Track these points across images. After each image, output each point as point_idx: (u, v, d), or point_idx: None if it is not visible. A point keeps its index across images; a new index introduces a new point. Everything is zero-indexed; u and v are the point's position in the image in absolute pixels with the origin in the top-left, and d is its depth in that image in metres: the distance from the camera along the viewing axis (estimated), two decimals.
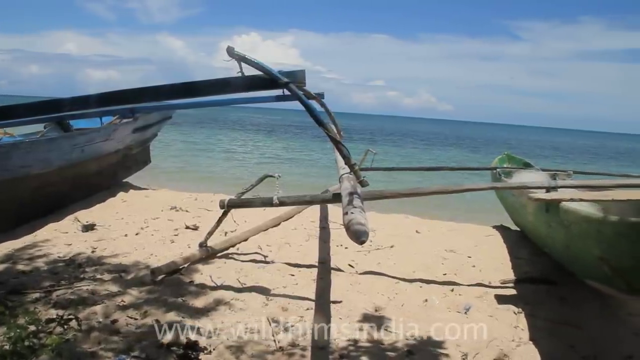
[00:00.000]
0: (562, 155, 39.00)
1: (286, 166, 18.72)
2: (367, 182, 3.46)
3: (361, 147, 7.10)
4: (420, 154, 30.50)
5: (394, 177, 11.80)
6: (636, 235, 2.63)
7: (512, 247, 5.94)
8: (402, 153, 29.44)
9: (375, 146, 10.49)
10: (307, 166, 19.07)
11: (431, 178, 12.81)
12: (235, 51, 3.38)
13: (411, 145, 38.89)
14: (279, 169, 14.49)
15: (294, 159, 21.76)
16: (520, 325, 3.79)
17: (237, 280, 4.43)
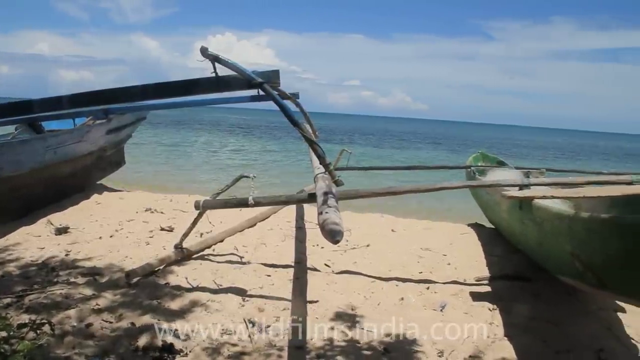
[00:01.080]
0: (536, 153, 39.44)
1: (262, 166, 18.66)
2: (342, 182, 3.46)
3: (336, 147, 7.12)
4: (396, 154, 30.60)
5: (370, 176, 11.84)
6: (606, 232, 2.67)
7: (487, 244, 6.00)
8: (377, 152, 29.53)
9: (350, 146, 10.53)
10: (283, 166, 19.02)
11: (407, 177, 12.89)
12: (209, 51, 3.36)
13: (387, 144, 39.00)
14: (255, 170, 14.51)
15: (270, 159, 21.69)
16: (495, 322, 3.84)
17: (213, 281, 4.41)
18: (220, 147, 26.37)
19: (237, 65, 3.44)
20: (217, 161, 19.77)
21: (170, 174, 14.52)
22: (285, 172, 16.72)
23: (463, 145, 39.31)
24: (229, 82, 3.54)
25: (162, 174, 14.47)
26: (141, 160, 15.71)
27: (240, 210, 6.27)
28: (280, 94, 5.23)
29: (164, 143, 24.62)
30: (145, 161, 16.05)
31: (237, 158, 21.75)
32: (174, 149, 22.54)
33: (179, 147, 23.63)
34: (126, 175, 10.82)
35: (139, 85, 3.61)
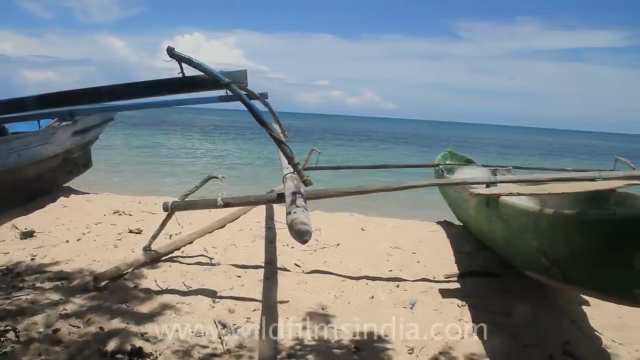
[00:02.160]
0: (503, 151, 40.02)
1: (233, 167, 18.59)
2: (310, 182, 3.47)
3: (306, 147, 7.12)
4: (365, 153, 30.76)
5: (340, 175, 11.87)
6: (570, 227, 2.72)
7: (456, 241, 6.07)
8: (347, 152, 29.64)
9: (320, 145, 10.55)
10: (254, 166, 18.98)
11: (376, 176, 12.95)
12: (176, 51, 3.34)
13: (356, 144, 39.15)
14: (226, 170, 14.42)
15: (241, 159, 21.62)
16: (465, 318, 3.89)
17: (183, 283, 4.38)
18: (190, 148, 26.18)
19: (204, 66, 3.43)
20: (186, 162, 19.64)
21: (139, 176, 14.37)
22: (256, 172, 16.69)
23: (432, 144, 39.64)
24: (196, 82, 3.52)
25: (131, 175, 14.31)
26: (109, 162, 15.52)
27: (210, 212, 6.25)
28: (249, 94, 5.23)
29: (132, 144, 24.38)
30: (113, 163, 15.85)
31: (207, 159, 21.64)
32: (143, 150, 22.33)
33: (147, 148, 23.40)
34: (94, 177, 10.67)
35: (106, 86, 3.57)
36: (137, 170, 15.80)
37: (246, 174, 16.51)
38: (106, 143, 17.35)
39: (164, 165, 17.87)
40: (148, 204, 7.50)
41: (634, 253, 2.23)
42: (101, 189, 9.35)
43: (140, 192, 9.25)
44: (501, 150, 40.87)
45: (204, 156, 22.84)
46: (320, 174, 8.00)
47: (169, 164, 18.40)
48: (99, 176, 11.57)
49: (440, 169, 7.38)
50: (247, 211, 6.83)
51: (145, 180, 13.43)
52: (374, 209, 8.40)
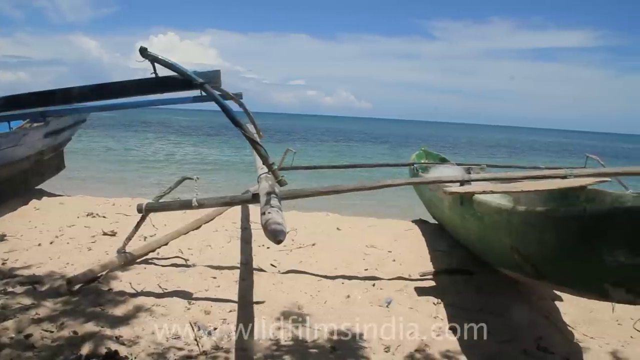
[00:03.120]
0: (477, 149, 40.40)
1: (208, 167, 18.52)
2: (285, 182, 3.47)
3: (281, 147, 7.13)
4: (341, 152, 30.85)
5: (316, 175, 11.89)
6: (542, 224, 2.76)
7: (431, 240, 6.11)
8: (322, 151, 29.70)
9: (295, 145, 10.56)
10: (229, 167, 18.93)
11: (351, 175, 12.99)
12: (148, 51, 3.32)
13: (332, 143, 39.26)
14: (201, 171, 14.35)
15: (216, 160, 21.55)
16: (440, 315, 3.92)
17: (158, 285, 4.35)
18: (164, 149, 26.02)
19: (177, 66, 3.41)
20: (161, 163, 19.52)
21: (113, 177, 14.25)
22: (231, 173, 16.64)
23: (406, 143, 39.87)
24: (169, 82, 3.51)
25: (105, 177, 14.18)
26: (82, 163, 15.35)
27: (185, 213, 6.21)
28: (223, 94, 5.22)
29: (105, 145, 24.16)
30: (86, 165, 15.68)
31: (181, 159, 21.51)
32: (116, 152, 22.15)
33: (121, 150, 23.22)
34: (67, 179, 10.55)
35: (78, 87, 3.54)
36: (111, 171, 15.66)
37: (222, 174, 16.45)
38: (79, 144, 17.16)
39: (138, 167, 17.74)
40: (122, 206, 7.42)
41: (603, 249, 2.27)
42: (74, 191, 9.22)
43: (114, 194, 9.15)
44: (475, 149, 41.30)
45: (178, 157, 22.71)
46: (295, 174, 8.01)
47: (143, 165, 18.27)
48: (72, 178, 11.44)
49: (415, 168, 7.44)
50: (222, 212, 6.80)
51: (120, 182, 13.32)
52: (349, 209, 8.43)
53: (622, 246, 2.20)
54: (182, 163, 20.23)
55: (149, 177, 14.83)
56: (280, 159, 6.82)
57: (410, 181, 5.72)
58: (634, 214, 2.17)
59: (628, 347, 3.52)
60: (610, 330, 3.77)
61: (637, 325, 3.84)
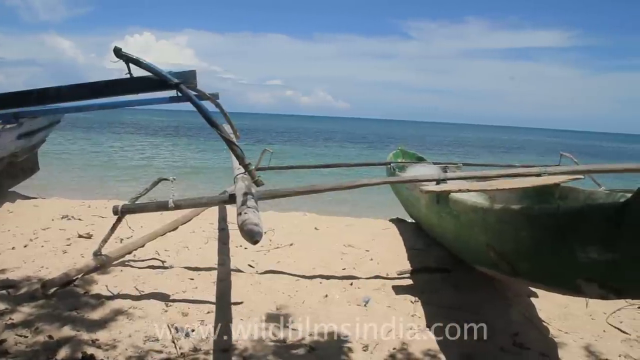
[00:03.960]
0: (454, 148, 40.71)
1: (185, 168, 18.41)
2: (262, 182, 3.47)
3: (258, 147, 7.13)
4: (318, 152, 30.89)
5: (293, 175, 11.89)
6: (517, 222, 2.79)
7: (408, 238, 6.15)
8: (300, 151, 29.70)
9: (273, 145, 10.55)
10: (207, 168, 18.83)
11: (329, 175, 13.01)
12: (123, 52, 3.30)
13: (309, 143, 39.30)
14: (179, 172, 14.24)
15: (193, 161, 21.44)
16: (418, 314, 3.95)
17: (135, 287, 4.31)
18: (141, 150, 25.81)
19: (152, 66, 3.39)
20: (137, 164, 19.35)
21: (88, 179, 14.09)
22: (209, 174, 16.55)
23: (384, 142, 40.02)
24: (144, 83, 3.49)
25: (80, 179, 14.02)
26: (57, 165, 15.17)
27: (161, 214, 6.16)
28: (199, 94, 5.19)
29: (81, 147, 23.89)
30: (62, 166, 15.50)
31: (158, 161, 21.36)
32: (92, 153, 21.90)
33: (96, 151, 22.97)
34: (41, 181, 10.40)
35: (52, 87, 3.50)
36: (87, 173, 15.49)
37: (199, 175, 16.35)
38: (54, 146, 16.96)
39: (114, 168, 17.56)
40: (98, 208, 7.35)
41: (576, 245, 2.31)
42: (49, 194, 9.11)
43: (90, 195, 9.06)
44: (452, 148, 41.63)
45: (155, 158, 22.54)
46: (273, 174, 8.00)
47: (119, 167, 18.09)
48: (46, 180, 11.29)
49: (392, 167, 7.48)
50: (199, 213, 6.76)
51: (95, 184, 13.17)
52: (327, 208, 8.45)
53: (594, 243, 2.24)
54: (159, 164, 20.07)
55: (125, 179, 14.69)
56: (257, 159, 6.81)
57: (387, 180, 5.75)
58: (606, 211, 2.21)
59: (601, 341, 3.60)
60: (584, 325, 3.84)
61: (610, 319, 3.92)
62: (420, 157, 8.55)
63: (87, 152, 22.18)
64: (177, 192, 4.45)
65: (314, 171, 12.00)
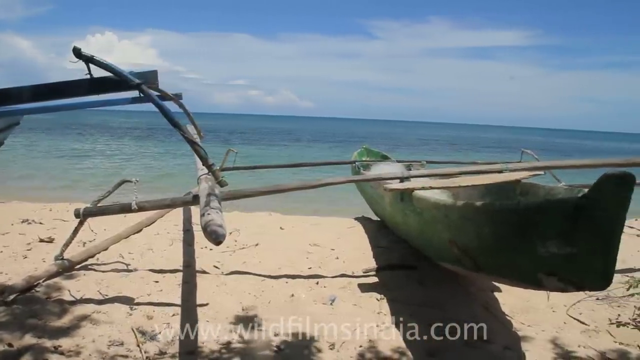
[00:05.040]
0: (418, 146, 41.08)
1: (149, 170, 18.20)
2: (225, 182, 3.46)
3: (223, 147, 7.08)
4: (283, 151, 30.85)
5: (259, 175, 11.86)
6: (478, 218, 2.83)
7: (374, 236, 6.19)
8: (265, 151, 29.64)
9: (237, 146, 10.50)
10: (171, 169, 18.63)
11: (294, 174, 13.01)
12: (82, 52, 3.25)
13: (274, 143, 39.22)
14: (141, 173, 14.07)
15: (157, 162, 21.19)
16: (383, 311, 3.97)
17: (98, 291, 4.24)
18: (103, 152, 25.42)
19: (112, 66, 3.35)
20: (100, 166, 19.06)
21: (49, 182, 13.82)
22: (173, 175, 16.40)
23: (349, 141, 40.15)
24: (105, 83, 3.44)
25: (41, 182, 13.74)
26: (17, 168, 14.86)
27: (125, 216, 6.08)
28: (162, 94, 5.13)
29: (41, 149, 23.41)
30: (21, 169, 15.18)
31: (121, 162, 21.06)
32: (53, 155, 21.48)
33: (58, 153, 22.52)
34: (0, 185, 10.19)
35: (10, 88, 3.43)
36: (48, 176, 15.17)
37: (163, 176, 16.20)
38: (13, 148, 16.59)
39: (76, 171, 17.25)
40: (60, 211, 7.22)
41: (536, 240, 2.35)
42: (8, 197, 8.92)
43: (51, 198, 8.88)
44: (416, 146, 41.97)
45: (118, 160, 22.21)
46: (238, 175, 7.97)
47: (82, 169, 17.79)
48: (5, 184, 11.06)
49: (356, 166, 7.51)
50: (163, 214, 6.71)
51: (57, 187, 12.93)
52: (292, 208, 8.46)
53: (553, 237, 2.29)
54: (123, 166, 19.78)
55: (87, 181, 14.42)
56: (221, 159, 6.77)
57: (351, 179, 5.77)
58: (564, 206, 2.26)
59: (562, 332, 3.68)
60: (545, 317, 3.92)
61: (570, 311, 4.02)
62: (385, 155, 8.61)
63: (48, 155, 21.74)
64: (142, 194, 4.41)
65: (279, 171, 11.97)
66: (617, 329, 3.74)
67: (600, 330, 3.72)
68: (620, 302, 4.18)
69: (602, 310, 4.06)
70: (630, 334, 3.65)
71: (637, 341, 3.54)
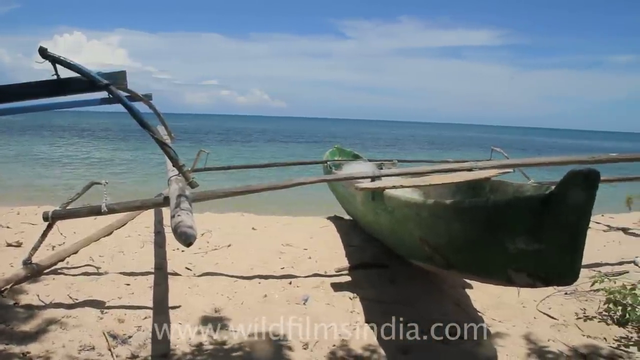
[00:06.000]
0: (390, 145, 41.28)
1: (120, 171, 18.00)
2: (196, 183, 3.43)
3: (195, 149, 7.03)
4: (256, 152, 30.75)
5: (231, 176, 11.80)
6: (448, 216, 2.86)
7: (346, 235, 6.21)
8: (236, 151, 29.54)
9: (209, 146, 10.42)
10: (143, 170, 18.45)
11: (266, 174, 12.98)
12: (49, 52, 3.20)
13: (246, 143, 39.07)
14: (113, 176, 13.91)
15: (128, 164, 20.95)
16: (356, 310, 3.99)
17: (68, 296, 4.18)
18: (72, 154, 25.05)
19: (80, 67, 3.30)
20: (69, 169, 18.76)
21: (17, 185, 13.57)
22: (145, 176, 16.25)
23: (321, 141, 40.19)
24: (72, 84, 3.39)
25: (9, 185, 13.49)
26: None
27: (95, 219, 6.00)
28: (131, 95, 5.08)
29: (8, 152, 22.99)
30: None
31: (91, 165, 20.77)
32: (20, 158, 21.09)
33: (25, 156, 22.12)
34: None
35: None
36: (16, 179, 14.92)
37: (135, 178, 16.04)
38: None
39: (45, 173, 16.99)
40: (28, 215, 7.11)
41: (505, 237, 2.38)
42: None
43: (20, 202, 8.75)
44: (388, 145, 42.16)
45: (87, 162, 21.90)
46: (211, 176, 7.92)
47: (50, 171, 17.51)
48: None
49: (328, 165, 7.52)
50: (134, 217, 6.62)
51: (25, 190, 12.69)
52: (265, 208, 8.44)
53: (521, 233, 2.32)
54: (92, 168, 19.52)
55: (56, 184, 14.22)
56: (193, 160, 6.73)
57: (323, 178, 5.78)
58: (532, 203, 2.29)
59: (532, 327, 3.75)
60: (516, 313, 3.98)
61: (540, 306, 4.09)
62: (357, 154, 8.63)
63: (15, 157, 21.36)
64: (112, 196, 4.35)
65: (251, 171, 11.94)
66: (584, 322, 3.82)
67: (569, 324, 3.79)
68: (588, 296, 4.26)
69: (570, 305, 4.14)
70: (597, 327, 3.73)
71: (604, 334, 3.62)
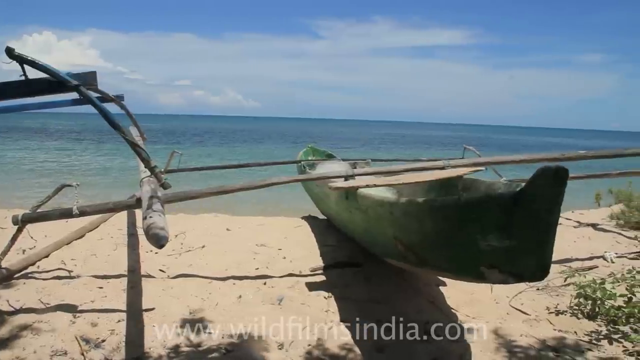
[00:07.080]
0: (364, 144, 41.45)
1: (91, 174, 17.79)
2: (169, 185, 3.41)
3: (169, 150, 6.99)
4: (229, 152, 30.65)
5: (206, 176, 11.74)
6: (421, 214, 2.87)
7: (320, 235, 6.22)
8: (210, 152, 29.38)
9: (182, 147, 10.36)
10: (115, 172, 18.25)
11: (240, 175, 12.93)
12: (17, 52, 3.15)
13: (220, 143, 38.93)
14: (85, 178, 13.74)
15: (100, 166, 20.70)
16: (331, 309, 4.00)
17: (40, 300, 4.12)
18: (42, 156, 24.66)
19: (49, 67, 3.27)
20: (39, 172, 18.46)
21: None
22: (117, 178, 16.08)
23: (295, 141, 40.20)
24: (41, 85, 3.35)
25: None
26: None
27: (67, 222, 5.93)
28: (103, 96, 5.02)
29: None
30: None
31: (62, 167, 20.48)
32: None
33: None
34: None
35: None
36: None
37: (107, 180, 15.87)
38: None
39: (13, 176, 16.70)
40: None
41: (477, 233, 2.40)
42: None
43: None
44: (362, 144, 42.34)
45: (58, 165, 21.57)
46: (185, 177, 7.88)
47: (19, 175, 17.22)
48: None
49: (302, 165, 7.53)
50: (107, 219, 6.55)
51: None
52: (239, 209, 8.43)
53: (493, 230, 2.34)
54: (64, 170, 19.25)
55: (26, 187, 13.99)
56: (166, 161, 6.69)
57: (297, 178, 5.78)
58: (502, 200, 2.32)
59: (505, 323, 3.80)
60: (489, 309, 4.03)
61: (513, 302, 4.14)
62: (330, 154, 8.65)
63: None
64: (84, 199, 4.30)
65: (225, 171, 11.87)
66: (556, 317, 3.89)
67: (541, 319, 3.85)
68: (559, 291, 4.34)
69: (542, 300, 4.21)
70: (568, 321, 3.80)
71: (575, 328, 3.69)
